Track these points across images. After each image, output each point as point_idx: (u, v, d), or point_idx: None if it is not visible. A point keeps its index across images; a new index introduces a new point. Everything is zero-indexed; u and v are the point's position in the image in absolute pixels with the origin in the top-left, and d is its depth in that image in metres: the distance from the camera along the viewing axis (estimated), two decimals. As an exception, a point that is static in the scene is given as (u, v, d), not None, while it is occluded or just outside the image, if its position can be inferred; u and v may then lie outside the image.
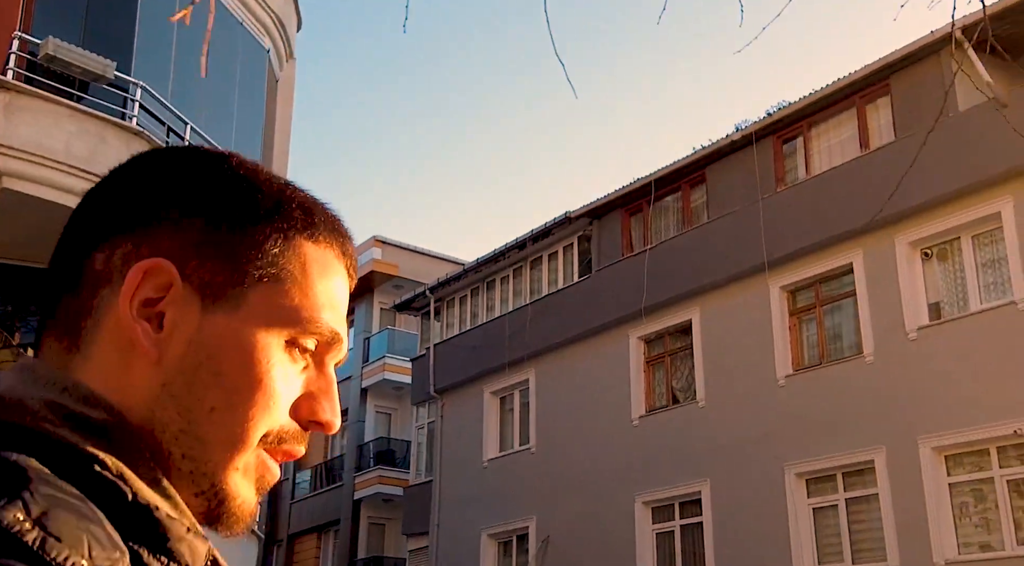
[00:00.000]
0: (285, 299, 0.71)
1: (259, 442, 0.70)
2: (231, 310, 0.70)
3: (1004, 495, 11.78)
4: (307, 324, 0.71)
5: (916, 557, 12.25)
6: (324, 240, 0.75)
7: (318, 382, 0.73)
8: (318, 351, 0.73)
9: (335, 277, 0.75)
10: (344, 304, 0.76)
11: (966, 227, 12.95)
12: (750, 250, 15.46)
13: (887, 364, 13.36)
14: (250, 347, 0.70)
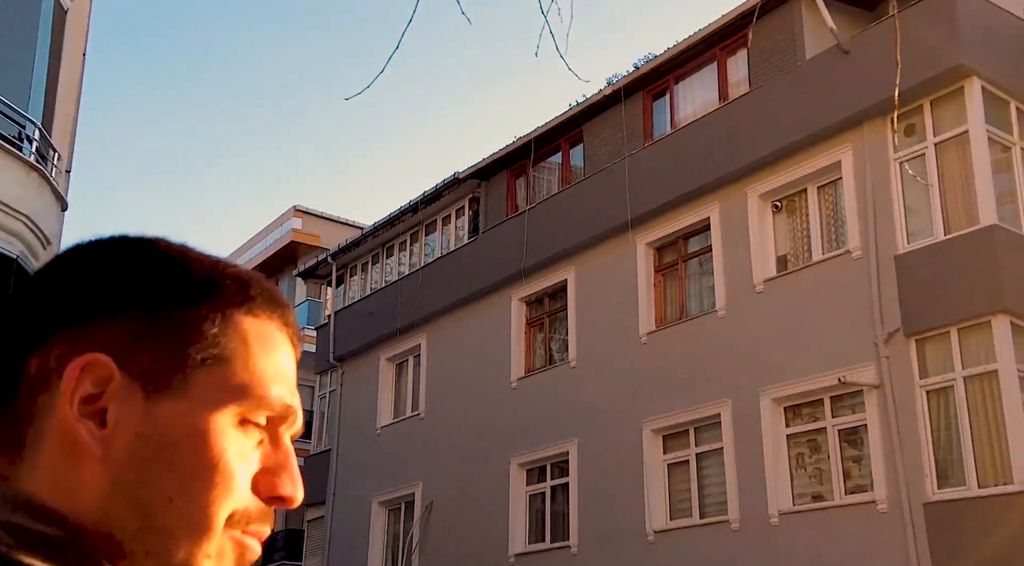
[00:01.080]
0: (231, 378, 0.70)
1: (226, 525, 0.68)
2: (177, 396, 0.69)
3: (835, 445, 11.90)
4: (257, 401, 0.71)
5: (754, 510, 12.37)
6: (263, 313, 0.74)
7: (275, 457, 0.72)
8: (271, 425, 0.72)
9: (279, 349, 0.74)
10: (292, 374, 0.75)
11: (811, 178, 13.01)
12: (618, 207, 15.46)
13: (736, 318, 13.44)
14: (201, 432, 0.69)
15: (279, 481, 0.71)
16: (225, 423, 0.69)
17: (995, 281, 10.49)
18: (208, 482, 0.68)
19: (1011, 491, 9.78)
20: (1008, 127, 11.42)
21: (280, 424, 0.73)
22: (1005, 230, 10.73)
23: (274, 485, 0.71)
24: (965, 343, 10.61)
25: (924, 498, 10.51)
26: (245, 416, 0.70)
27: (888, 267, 11.54)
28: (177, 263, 0.72)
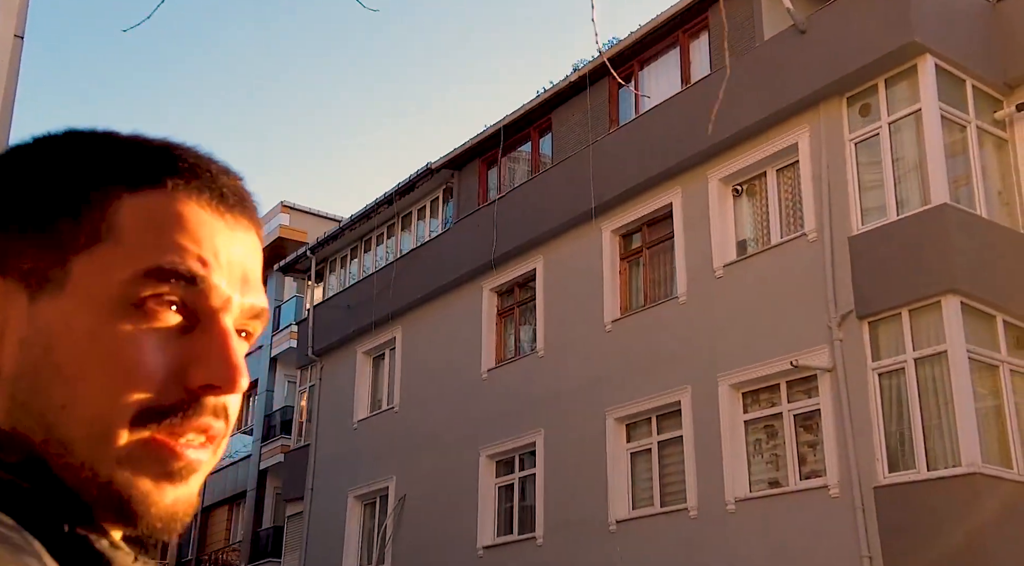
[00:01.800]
0: (114, 259, 0.63)
1: (135, 425, 0.62)
2: (57, 291, 0.63)
3: (791, 430, 11.86)
4: (147, 277, 0.63)
5: (712, 497, 12.34)
6: (163, 186, 0.66)
7: (201, 340, 0.64)
8: (194, 306, 0.64)
9: (189, 222, 0.65)
10: (221, 248, 0.66)
11: (770, 161, 12.96)
12: (584, 195, 15.45)
13: (697, 304, 13.41)
14: (83, 324, 0.62)
15: (205, 366, 0.63)
16: (117, 312, 0.62)
17: (946, 261, 10.43)
18: (97, 380, 0.61)
19: (958, 473, 9.72)
20: (964, 106, 11.34)
21: (200, 302, 0.64)
22: (957, 209, 10.66)
23: (202, 374, 0.63)
24: (916, 324, 10.55)
25: (875, 482, 10.46)
26: (140, 295, 0.62)
27: (843, 249, 11.49)
28: (61, 150, 0.66)
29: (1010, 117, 11.51)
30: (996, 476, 9.72)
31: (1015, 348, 10.64)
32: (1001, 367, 10.39)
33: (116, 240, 0.64)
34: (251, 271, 0.69)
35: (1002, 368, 10.38)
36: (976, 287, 10.41)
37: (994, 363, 10.39)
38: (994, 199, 11.44)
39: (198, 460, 0.64)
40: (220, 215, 0.67)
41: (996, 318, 10.53)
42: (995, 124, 11.56)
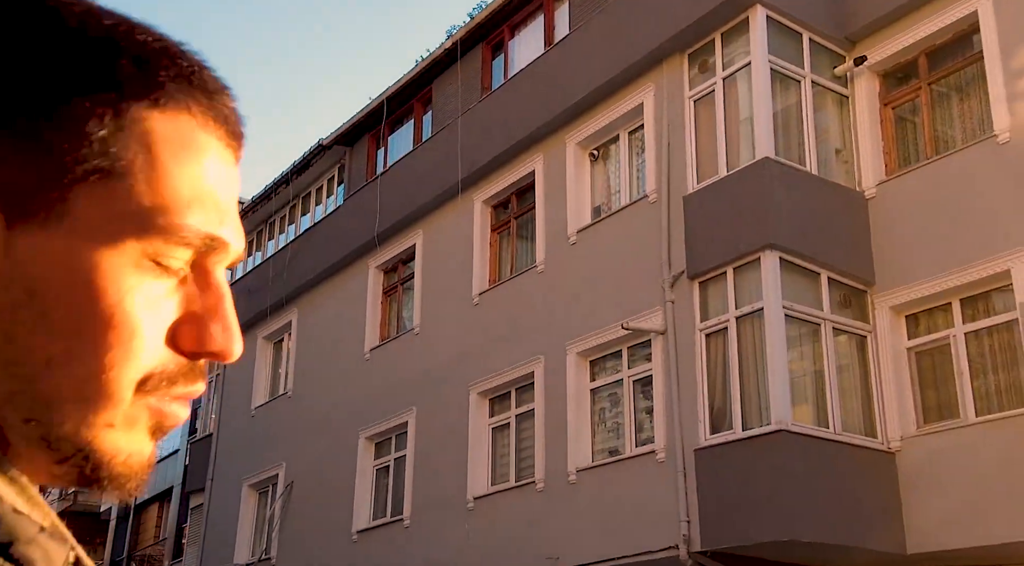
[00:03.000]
0: (128, 200, 0.55)
1: (138, 391, 0.56)
2: (52, 225, 0.54)
3: (630, 397, 11.84)
4: (165, 233, 0.55)
5: (557, 468, 12.32)
6: (179, 104, 0.57)
7: (202, 299, 0.58)
8: (195, 259, 0.58)
9: (203, 155, 0.57)
10: (224, 187, 0.58)
11: (621, 122, 12.97)
12: (456, 166, 15.42)
13: (553, 272, 13.41)
14: (87, 273, 0.54)
15: (207, 331, 0.58)
16: (122, 262, 0.55)
17: (765, 216, 10.42)
18: (101, 341, 0.54)
19: (768, 431, 9.71)
20: (799, 60, 11.34)
21: (208, 256, 0.58)
22: (779, 164, 10.66)
23: (201, 337, 0.58)
24: (740, 283, 10.55)
25: (697, 444, 10.44)
26: (150, 255, 0.56)
27: (678, 209, 11.50)
28: (52, 30, 0.55)
29: (850, 72, 11.52)
30: (805, 434, 9.71)
31: (840, 307, 10.64)
32: (823, 325, 10.38)
33: (131, 174, 0.55)
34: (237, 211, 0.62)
35: (824, 326, 10.38)
36: (799, 244, 10.41)
37: (815, 321, 10.38)
38: (830, 156, 11.44)
39: (182, 419, 0.59)
40: (230, 147, 0.60)
41: (820, 275, 10.53)
42: (835, 80, 11.57)
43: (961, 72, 10.76)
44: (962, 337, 10.00)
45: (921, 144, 10.98)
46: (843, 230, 10.82)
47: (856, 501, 9.78)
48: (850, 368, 10.64)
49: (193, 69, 0.58)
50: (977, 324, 9.94)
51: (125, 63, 0.55)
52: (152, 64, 0.56)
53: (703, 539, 10.08)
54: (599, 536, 11.38)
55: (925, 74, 11.06)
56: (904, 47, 11.07)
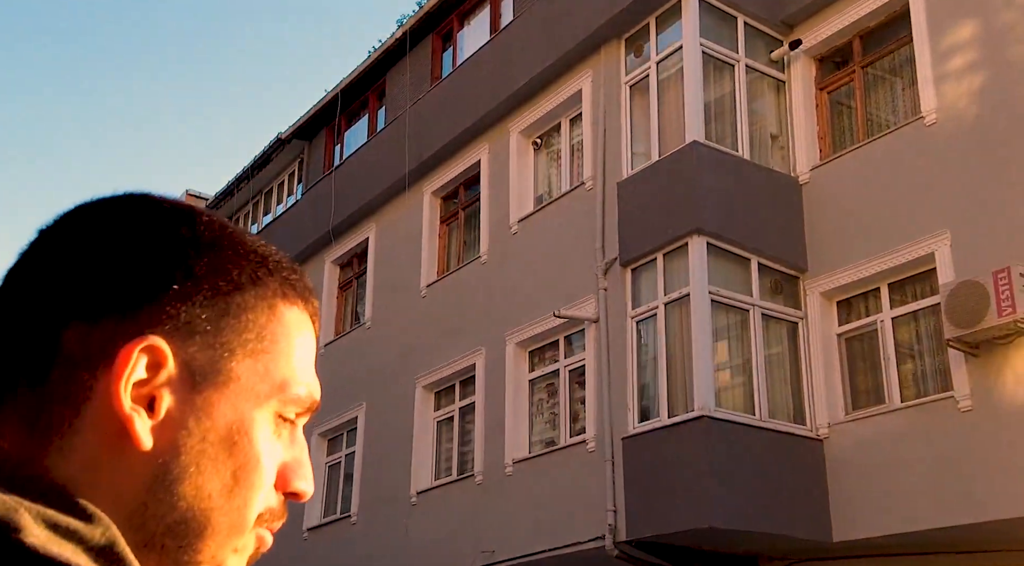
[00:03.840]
0: (275, 372, 0.72)
1: (258, 522, 0.71)
2: (223, 388, 0.70)
3: (565, 387, 11.89)
4: (293, 397, 0.73)
5: (495, 461, 12.35)
6: (299, 299, 0.76)
7: (293, 450, 0.74)
8: (295, 417, 0.75)
9: (309, 339, 0.76)
10: (313, 357, 0.77)
11: (562, 110, 13.03)
12: (406, 157, 15.49)
13: (496, 262, 13.47)
14: (245, 428, 0.70)
15: (296, 475, 0.73)
16: (265, 419, 0.71)
17: (693, 201, 10.47)
18: (248, 481, 0.69)
19: (690, 418, 9.74)
20: (733, 44, 11.40)
21: (302, 416, 0.75)
22: (708, 148, 10.70)
23: (291, 479, 0.73)
24: (669, 268, 10.58)
25: (625, 433, 10.47)
26: (279, 412, 0.72)
27: (613, 196, 11.54)
28: (228, 244, 0.73)
29: (787, 57, 11.57)
30: (728, 420, 9.73)
31: (772, 293, 10.67)
32: (752, 311, 10.42)
33: (274, 353, 0.72)
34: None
35: (753, 312, 10.41)
36: (728, 229, 10.45)
37: (744, 307, 10.41)
38: (766, 142, 11.49)
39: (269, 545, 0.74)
40: (313, 323, 0.78)
41: (751, 261, 10.56)
42: (772, 65, 11.62)
43: (895, 54, 10.81)
44: (889, 322, 10.03)
45: (854, 128, 11.03)
46: (776, 216, 10.85)
47: (782, 488, 9.80)
48: (781, 355, 10.67)
49: (296, 272, 0.77)
50: (904, 309, 9.97)
51: (272, 270, 0.74)
52: (281, 270, 0.75)
53: (628, 528, 10.11)
54: (532, 528, 11.41)
55: (859, 57, 11.11)
56: (838, 30, 11.12)
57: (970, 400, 8.91)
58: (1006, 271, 8.49)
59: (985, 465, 8.66)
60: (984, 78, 9.52)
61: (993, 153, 9.22)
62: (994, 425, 8.67)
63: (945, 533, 8.94)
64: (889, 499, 9.35)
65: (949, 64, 9.90)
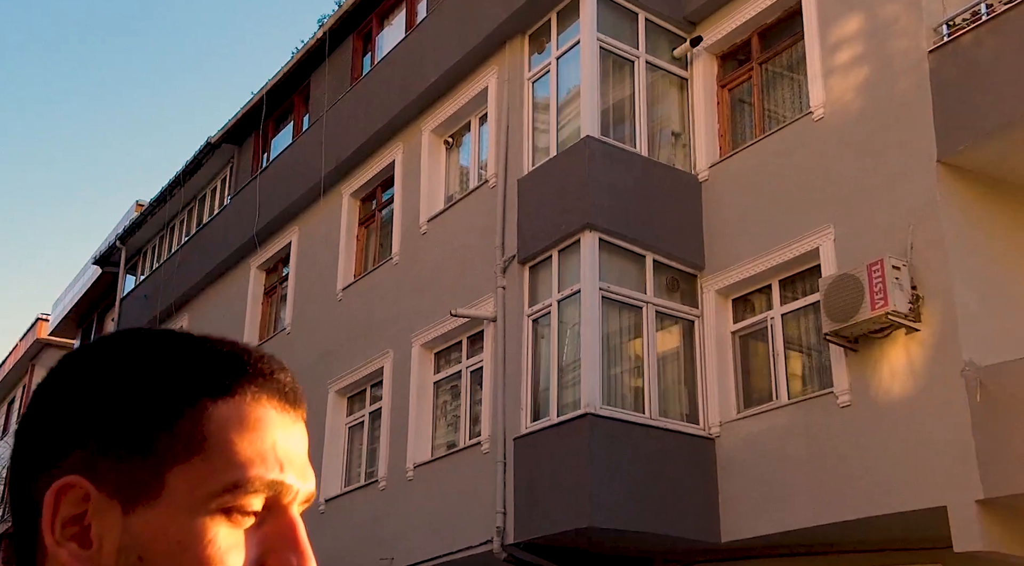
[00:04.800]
0: (205, 472, 0.73)
1: None
2: (153, 504, 0.72)
3: (467, 388, 11.90)
4: (235, 490, 0.73)
5: (398, 466, 12.33)
6: (240, 392, 0.76)
7: (277, 533, 0.74)
8: (270, 502, 0.75)
9: (268, 427, 0.76)
10: (288, 448, 0.77)
11: (472, 108, 13.11)
12: (326, 159, 15.53)
13: (406, 263, 13.51)
14: (178, 535, 0.71)
15: (283, 558, 0.74)
16: (206, 521, 0.72)
17: (585, 197, 10.52)
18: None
19: (576, 415, 9.77)
20: (634, 40, 11.50)
21: (279, 500, 0.75)
22: (602, 143, 10.78)
23: (276, 561, 0.73)
24: (563, 265, 10.63)
25: (517, 433, 10.49)
26: (228, 505, 0.73)
27: (513, 193, 11.60)
28: (148, 368, 0.76)
29: (690, 54, 11.68)
30: (614, 418, 9.76)
31: (668, 291, 10.74)
32: (645, 308, 10.47)
33: (206, 452, 0.74)
34: (306, 459, 0.80)
35: (646, 309, 10.47)
36: (623, 226, 10.51)
37: (637, 304, 10.47)
38: (667, 139, 11.58)
39: None
40: (285, 412, 0.79)
41: (646, 258, 10.62)
42: (675, 62, 11.73)
43: (792, 50, 10.93)
44: (779, 319, 10.11)
45: (753, 125, 11.14)
46: (674, 214, 10.92)
47: (672, 488, 9.82)
48: (676, 353, 10.73)
49: (259, 365, 0.79)
50: (792, 306, 10.05)
51: (199, 374, 0.76)
52: (217, 366, 0.77)
53: (516, 530, 10.11)
54: (430, 534, 11.39)
55: (758, 54, 11.24)
56: (737, 27, 11.25)
57: (849, 395, 8.98)
58: (879, 263, 8.57)
59: (862, 461, 8.71)
60: (868, 72, 9.65)
61: (874, 146, 9.33)
62: (871, 420, 8.73)
63: (823, 530, 8.98)
64: (773, 498, 9.39)
65: (836, 58, 10.02)
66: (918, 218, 8.74)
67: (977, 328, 8.27)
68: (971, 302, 8.37)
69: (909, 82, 9.14)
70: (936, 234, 8.58)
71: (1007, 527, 7.69)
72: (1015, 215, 8.86)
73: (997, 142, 8.38)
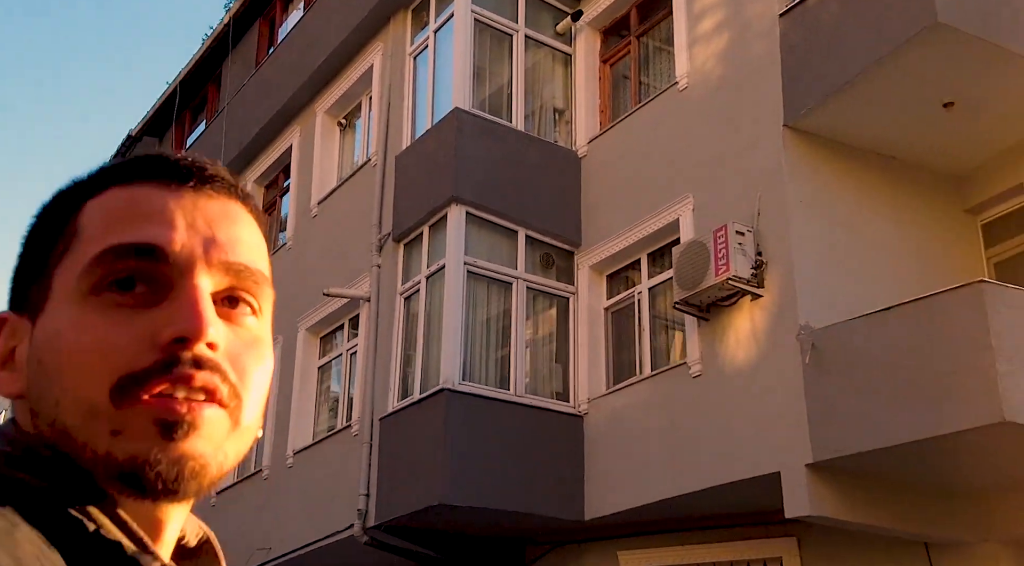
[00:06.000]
0: (74, 261, 0.76)
1: (120, 395, 0.72)
2: (46, 307, 0.77)
3: (347, 371, 11.94)
4: (96, 264, 0.74)
5: (280, 454, 12.36)
6: (120, 182, 0.79)
7: (171, 303, 0.74)
8: (158, 275, 0.75)
9: (138, 201, 0.77)
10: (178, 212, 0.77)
11: (360, 87, 13.18)
12: (229, 146, 15.60)
13: (298, 247, 13.60)
14: (55, 324, 0.75)
15: (172, 323, 0.73)
16: (79, 305, 0.74)
17: (453, 169, 10.58)
18: (74, 369, 0.72)
19: (434, 391, 9.80)
20: (513, 14, 11.59)
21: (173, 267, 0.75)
22: (471, 115, 10.85)
23: (166, 330, 0.73)
24: (433, 241, 10.69)
25: (384, 413, 10.52)
26: (94, 281, 0.74)
27: (392, 170, 11.67)
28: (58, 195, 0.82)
29: (573, 29, 11.78)
30: (474, 394, 9.79)
31: (544, 267, 10.79)
32: (516, 284, 10.52)
33: (76, 243, 0.77)
34: (222, 232, 0.79)
35: (516, 285, 10.51)
36: (493, 200, 10.57)
37: (507, 280, 10.52)
38: (549, 114, 11.67)
39: (200, 416, 0.73)
40: (177, 189, 0.79)
41: (518, 234, 10.68)
42: (559, 38, 11.82)
43: (666, 22, 11.02)
44: (646, 293, 10.17)
45: (628, 99, 11.23)
46: (551, 189, 10.98)
47: (538, 466, 9.83)
48: (551, 330, 10.78)
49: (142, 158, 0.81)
50: (657, 278, 10.11)
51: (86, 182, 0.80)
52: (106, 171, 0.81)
53: (378, 512, 10.12)
54: (305, 520, 11.41)
55: (636, 28, 11.34)
56: (617, 1, 11.35)
57: (700, 365, 9.03)
58: (724, 229, 8.64)
59: (710, 431, 8.75)
60: (727, 39, 9.74)
61: (730, 113, 9.41)
62: (718, 389, 8.78)
63: (677, 503, 9.00)
64: (633, 472, 9.42)
65: (700, 27, 10.12)
66: (766, 184, 8.82)
67: (817, 292, 8.33)
68: (811, 267, 8.44)
69: (762, 47, 9.24)
70: (781, 199, 8.66)
71: (835, 491, 7.73)
72: (862, 179, 8.94)
73: (837, 105, 8.46)
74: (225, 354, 0.75)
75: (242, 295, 0.80)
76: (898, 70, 8.04)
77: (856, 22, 8.38)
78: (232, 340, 0.77)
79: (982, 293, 6.87)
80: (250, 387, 0.77)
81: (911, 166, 9.21)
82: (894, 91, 8.28)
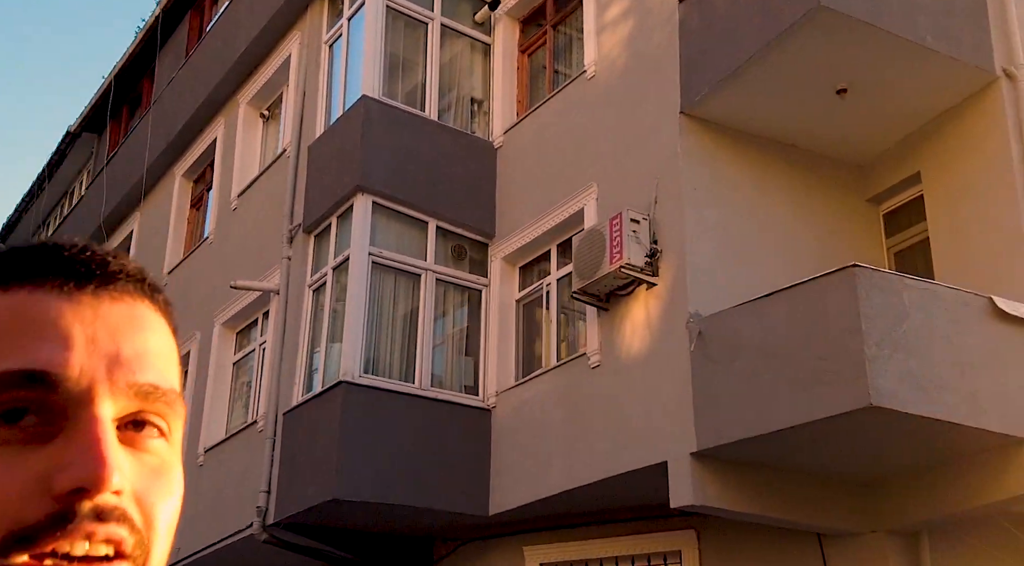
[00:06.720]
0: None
1: (6, 559, 0.61)
2: None
3: (259, 365, 11.89)
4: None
5: (192, 451, 12.28)
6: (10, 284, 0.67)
7: (66, 440, 0.63)
8: (51, 405, 0.64)
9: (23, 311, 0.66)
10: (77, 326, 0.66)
11: (280, 77, 13.16)
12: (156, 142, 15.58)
13: (220, 241, 13.56)
14: None
15: (67, 468, 0.62)
16: None
17: (359, 158, 10.56)
18: None
19: (332, 384, 9.76)
20: (429, 2, 11.59)
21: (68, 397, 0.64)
22: (380, 103, 10.82)
23: (62, 476, 0.62)
24: (341, 231, 10.66)
25: (288, 407, 10.47)
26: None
27: (304, 161, 11.65)
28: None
29: (492, 19, 11.79)
30: (374, 387, 9.75)
31: (455, 259, 10.77)
32: (424, 275, 10.49)
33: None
34: (128, 346, 0.68)
35: (425, 276, 10.49)
36: (401, 190, 10.54)
37: (416, 271, 10.49)
38: (466, 105, 11.67)
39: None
40: (75, 293, 0.67)
41: (428, 225, 10.66)
42: (478, 27, 11.83)
43: (578, 11, 11.04)
44: (555, 284, 10.16)
45: (544, 88, 11.24)
46: (466, 180, 10.97)
47: (443, 461, 9.79)
48: (462, 322, 10.75)
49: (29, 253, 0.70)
50: (565, 270, 10.10)
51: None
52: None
53: (277, 509, 10.06)
54: (212, 519, 11.32)
55: (552, 17, 11.35)
56: (532, -11, 11.38)
57: (599, 356, 9.02)
58: (619, 217, 8.64)
59: (605, 422, 8.74)
60: (631, 26, 9.76)
61: (632, 100, 9.43)
62: (615, 380, 8.77)
63: (574, 496, 8.98)
64: (535, 465, 9.39)
65: (608, 15, 10.14)
66: (664, 172, 8.83)
67: (709, 280, 8.33)
68: (706, 255, 8.44)
69: (663, 33, 9.25)
70: (677, 187, 8.67)
71: (720, 481, 7.72)
72: (762, 167, 8.95)
73: (731, 91, 8.47)
74: (131, 495, 0.66)
75: (150, 418, 0.70)
76: (787, 56, 8.06)
77: (748, 7, 8.40)
78: (138, 472, 0.68)
79: (854, 277, 6.87)
80: (159, 529, 0.68)
81: (812, 155, 9.24)
82: (786, 77, 8.30)
